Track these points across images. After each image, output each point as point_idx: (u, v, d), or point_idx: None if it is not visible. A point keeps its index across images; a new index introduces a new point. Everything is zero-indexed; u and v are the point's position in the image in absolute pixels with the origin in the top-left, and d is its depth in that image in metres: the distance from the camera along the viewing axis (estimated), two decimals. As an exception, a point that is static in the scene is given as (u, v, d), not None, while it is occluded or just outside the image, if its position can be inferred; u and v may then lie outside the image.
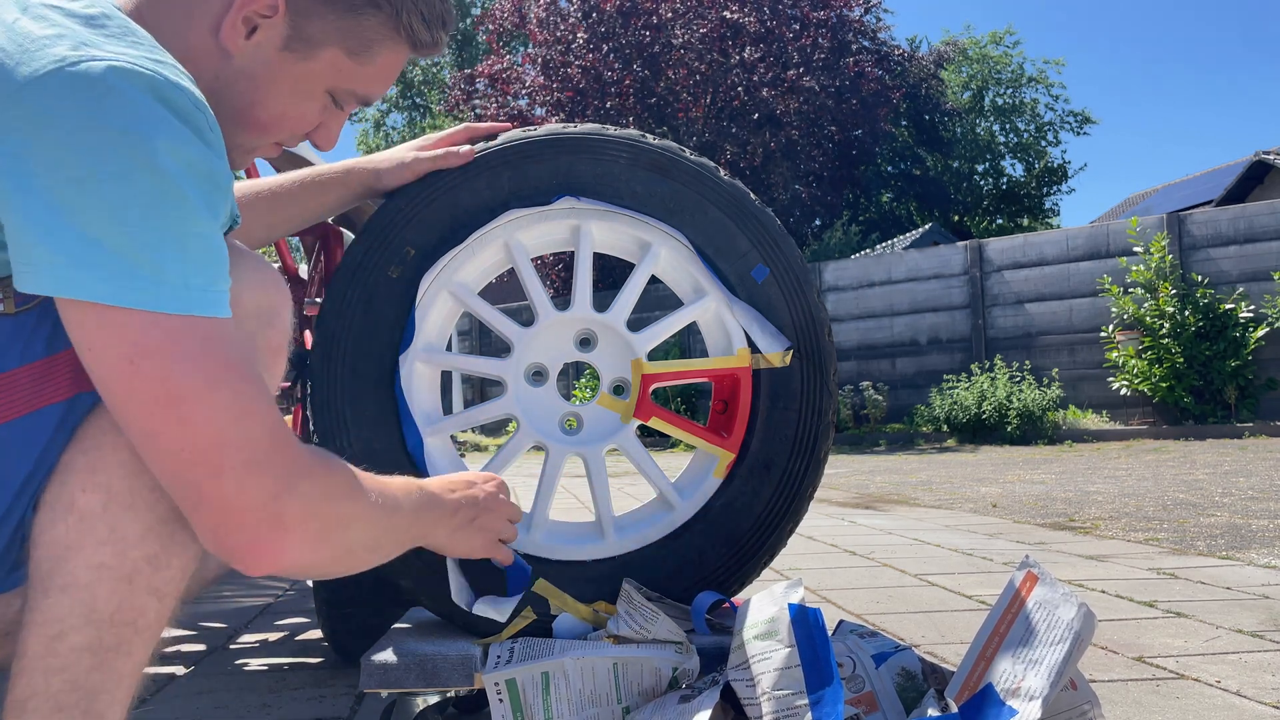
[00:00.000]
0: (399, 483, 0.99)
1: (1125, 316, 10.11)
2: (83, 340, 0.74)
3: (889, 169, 25.37)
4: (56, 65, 0.73)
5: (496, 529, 1.15)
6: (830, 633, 1.19)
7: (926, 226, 20.97)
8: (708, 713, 1.07)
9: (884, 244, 19.64)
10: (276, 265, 2.46)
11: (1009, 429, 9.88)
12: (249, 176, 1.95)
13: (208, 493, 0.77)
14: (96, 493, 0.80)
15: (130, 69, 0.74)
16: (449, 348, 1.43)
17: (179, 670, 1.85)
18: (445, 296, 1.36)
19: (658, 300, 11.23)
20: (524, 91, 18.10)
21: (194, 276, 0.76)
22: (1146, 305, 9.93)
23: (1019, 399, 9.95)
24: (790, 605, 1.13)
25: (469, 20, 32.44)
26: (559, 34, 17.22)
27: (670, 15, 16.68)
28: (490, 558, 1.19)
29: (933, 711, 1.08)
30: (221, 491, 0.77)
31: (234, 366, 0.78)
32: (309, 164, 2.00)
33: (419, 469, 1.33)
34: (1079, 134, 27.39)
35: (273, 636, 2.17)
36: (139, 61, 0.75)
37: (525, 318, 1.42)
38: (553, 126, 1.40)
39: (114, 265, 0.72)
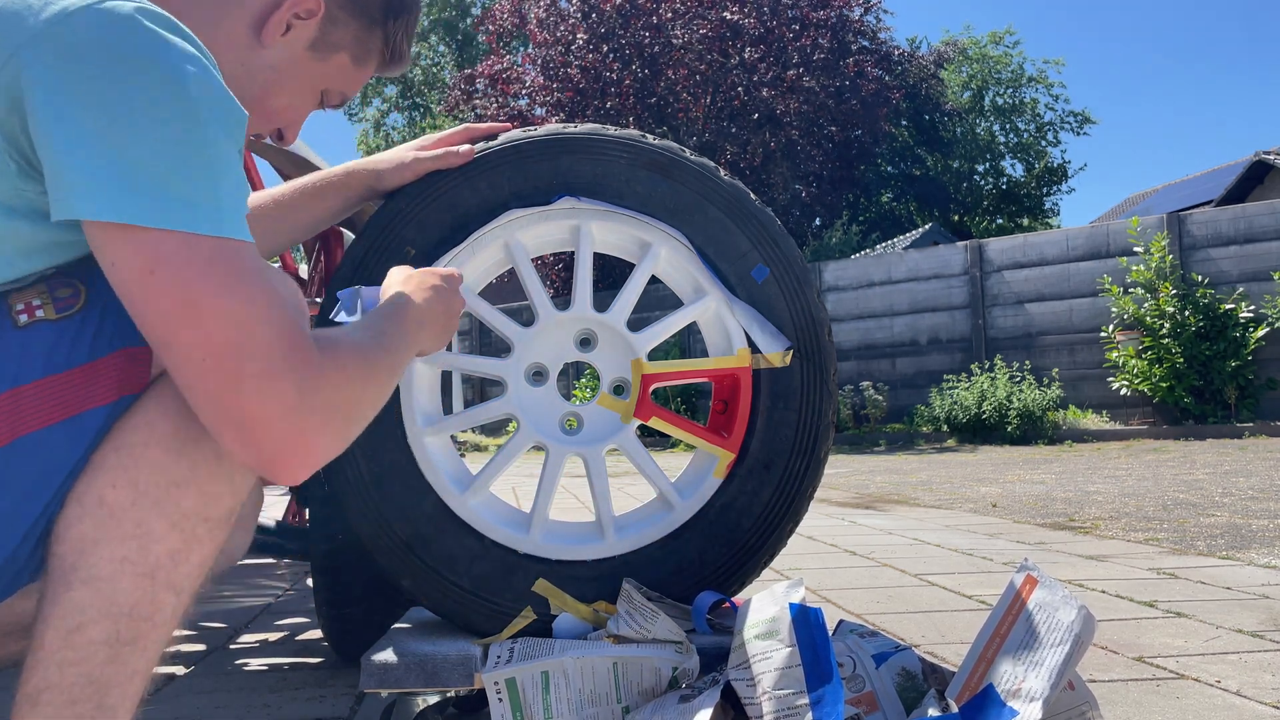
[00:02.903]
0: (391, 320, 0.97)
1: (1125, 316, 10.11)
2: (110, 258, 0.77)
3: (889, 169, 25.36)
4: (85, 3, 0.77)
5: (456, 321, 1.10)
6: (830, 633, 1.19)
7: (926, 226, 20.97)
8: (708, 712, 1.07)
9: (884, 244, 19.64)
10: (276, 264, 2.46)
11: (1009, 429, 9.87)
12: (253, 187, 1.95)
13: (229, 405, 0.77)
14: (125, 489, 0.81)
15: (154, 11, 0.80)
16: (449, 347, 1.43)
17: (179, 670, 1.85)
18: (445, 296, 1.36)
19: (658, 300, 11.23)
20: (524, 92, 18.10)
21: (223, 199, 0.79)
22: (1146, 305, 9.93)
23: (1019, 399, 9.95)
24: (791, 605, 1.13)
25: (469, 20, 32.45)
26: (559, 34, 17.22)
27: (670, 15, 16.67)
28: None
29: (933, 711, 1.08)
30: (242, 404, 0.77)
31: (248, 275, 0.79)
32: (315, 167, 2.00)
33: (418, 467, 1.33)
34: (1079, 134, 27.39)
35: (273, 636, 2.17)
36: (157, 9, 0.81)
37: (525, 318, 1.42)
38: (553, 126, 1.40)
39: (147, 189, 0.75)
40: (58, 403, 0.81)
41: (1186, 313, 9.65)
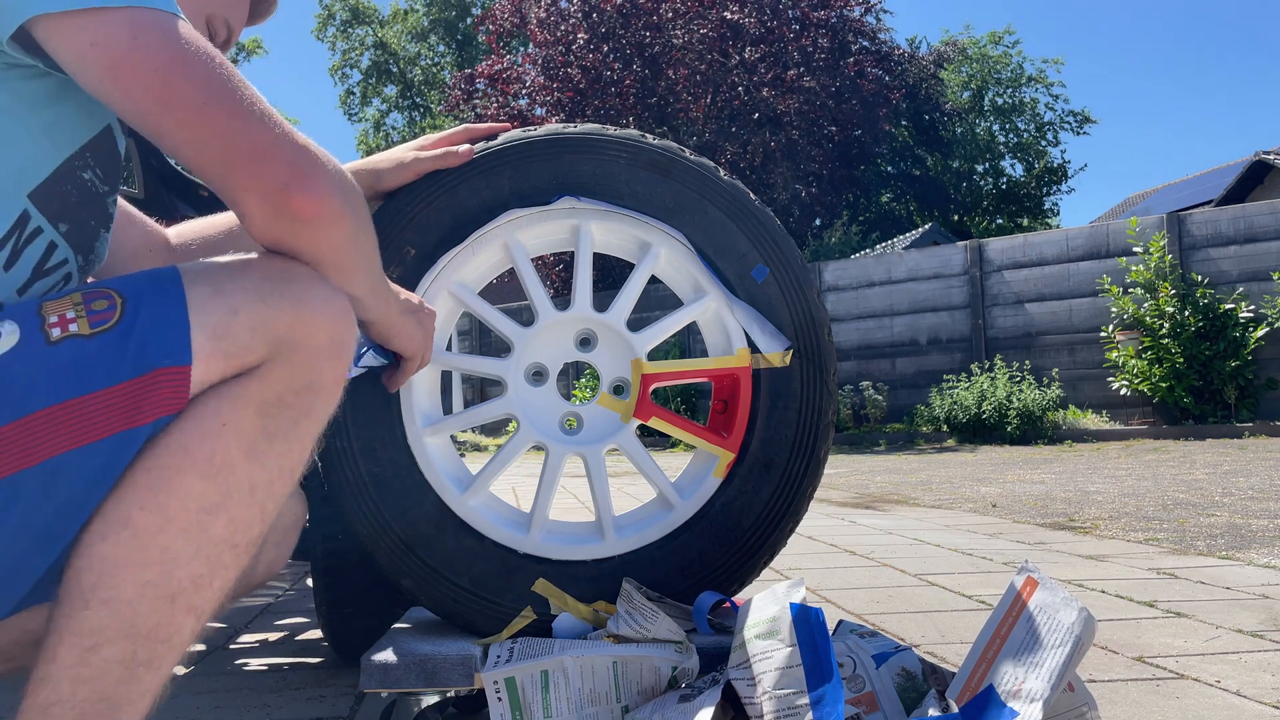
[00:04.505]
0: None
1: (1125, 316, 10.11)
2: (89, 39, 0.80)
3: (889, 169, 25.37)
4: None
5: (429, 334, 1.18)
6: (830, 632, 1.19)
7: (926, 226, 20.98)
8: (708, 712, 1.07)
9: (884, 244, 19.65)
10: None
11: (1009, 429, 9.87)
12: None
13: (241, 131, 0.83)
14: (154, 514, 0.80)
15: None
16: (449, 347, 1.43)
17: (179, 670, 1.85)
18: (445, 296, 1.36)
19: (658, 300, 11.24)
20: (524, 92, 18.10)
21: None
22: (1146, 305, 9.93)
23: (1019, 399, 9.95)
24: (792, 604, 1.13)
25: (469, 20, 32.43)
26: (559, 34, 17.21)
27: (671, 15, 16.67)
28: (410, 357, 1.18)
29: (933, 711, 1.08)
30: (252, 131, 0.83)
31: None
32: None
33: (418, 467, 1.33)
34: (1079, 134, 27.41)
35: (273, 636, 2.17)
36: None
37: (525, 318, 1.42)
38: (553, 126, 1.40)
39: None
40: (95, 423, 0.79)
41: (1186, 313, 9.66)
